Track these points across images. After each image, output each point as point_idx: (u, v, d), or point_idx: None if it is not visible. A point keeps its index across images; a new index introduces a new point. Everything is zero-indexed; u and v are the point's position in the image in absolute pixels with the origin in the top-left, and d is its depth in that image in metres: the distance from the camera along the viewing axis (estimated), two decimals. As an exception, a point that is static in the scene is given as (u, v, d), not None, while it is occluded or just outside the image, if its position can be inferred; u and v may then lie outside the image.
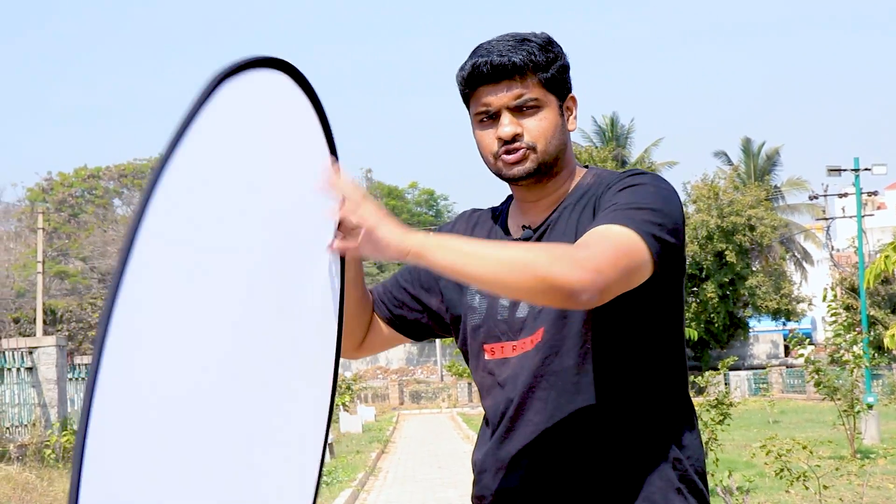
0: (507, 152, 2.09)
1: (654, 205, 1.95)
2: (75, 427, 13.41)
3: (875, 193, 38.65)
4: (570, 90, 2.15)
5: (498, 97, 2.08)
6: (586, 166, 2.22)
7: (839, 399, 16.61)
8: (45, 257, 40.72)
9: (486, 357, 2.15)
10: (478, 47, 2.12)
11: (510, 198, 2.29)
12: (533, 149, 2.08)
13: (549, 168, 2.12)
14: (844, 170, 32.07)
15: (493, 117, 2.10)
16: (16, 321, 49.74)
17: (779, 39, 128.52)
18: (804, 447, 9.78)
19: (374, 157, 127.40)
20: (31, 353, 12.96)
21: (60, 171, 66.63)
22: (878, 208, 63.00)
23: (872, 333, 32.46)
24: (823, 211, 47.27)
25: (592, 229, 1.92)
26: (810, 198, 43.06)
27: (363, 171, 66.61)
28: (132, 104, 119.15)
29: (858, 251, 32.65)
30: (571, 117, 2.16)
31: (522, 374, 2.07)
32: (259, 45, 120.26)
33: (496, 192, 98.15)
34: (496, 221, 2.27)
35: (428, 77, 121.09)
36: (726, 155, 55.01)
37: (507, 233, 2.22)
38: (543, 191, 2.16)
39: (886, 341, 18.57)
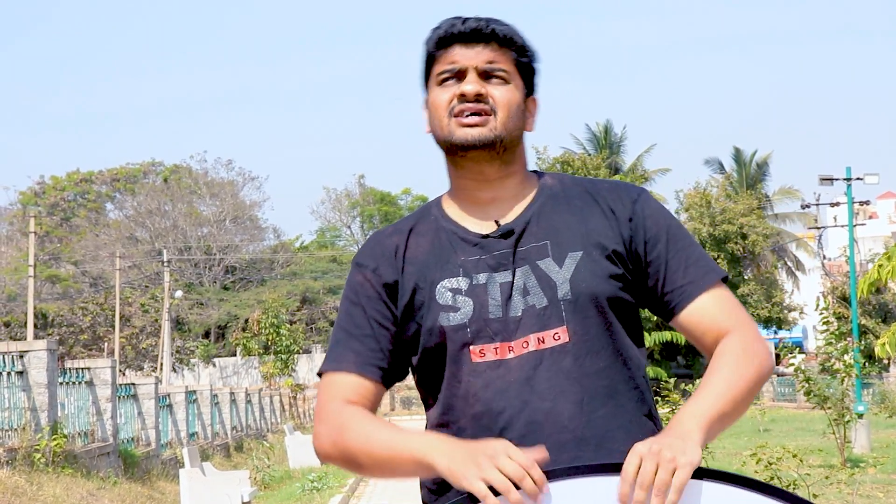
0: (466, 113, 1.94)
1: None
2: (65, 431, 13.44)
3: (867, 203, 38.66)
4: (534, 91, 2.03)
5: (468, 56, 1.96)
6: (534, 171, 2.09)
7: (829, 408, 16.63)
8: (37, 261, 40.62)
9: (475, 359, 1.93)
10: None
11: (436, 202, 2.08)
12: (494, 114, 1.94)
13: (503, 150, 1.96)
14: (836, 179, 32.11)
15: (457, 78, 1.97)
16: (6, 325, 49.64)
17: (772, 49, 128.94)
18: (794, 455, 9.80)
19: (366, 162, 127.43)
20: (21, 356, 12.91)
21: (53, 175, 66.59)
22: (870, 217, 63.13)
23: (863, 342, 32.51)
24: (815, 220, 47.32)
25: (718, 294, 1.97)
26: (802, 206, 43.09)
27: (356, 177, 66.64)
28: (126, 109, 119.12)
29: (850, 260, 32.69)
30: (531, 118, 2.03)
31: (543, 377, 1.90)
32: (249, 51, 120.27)
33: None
34: (435, 226, 2.03)
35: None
36: (719, 163, 55.09)
37: (464, 233, 2.00)
38: (502, 185, 2.00)
39: (877, 350, 18.61)
